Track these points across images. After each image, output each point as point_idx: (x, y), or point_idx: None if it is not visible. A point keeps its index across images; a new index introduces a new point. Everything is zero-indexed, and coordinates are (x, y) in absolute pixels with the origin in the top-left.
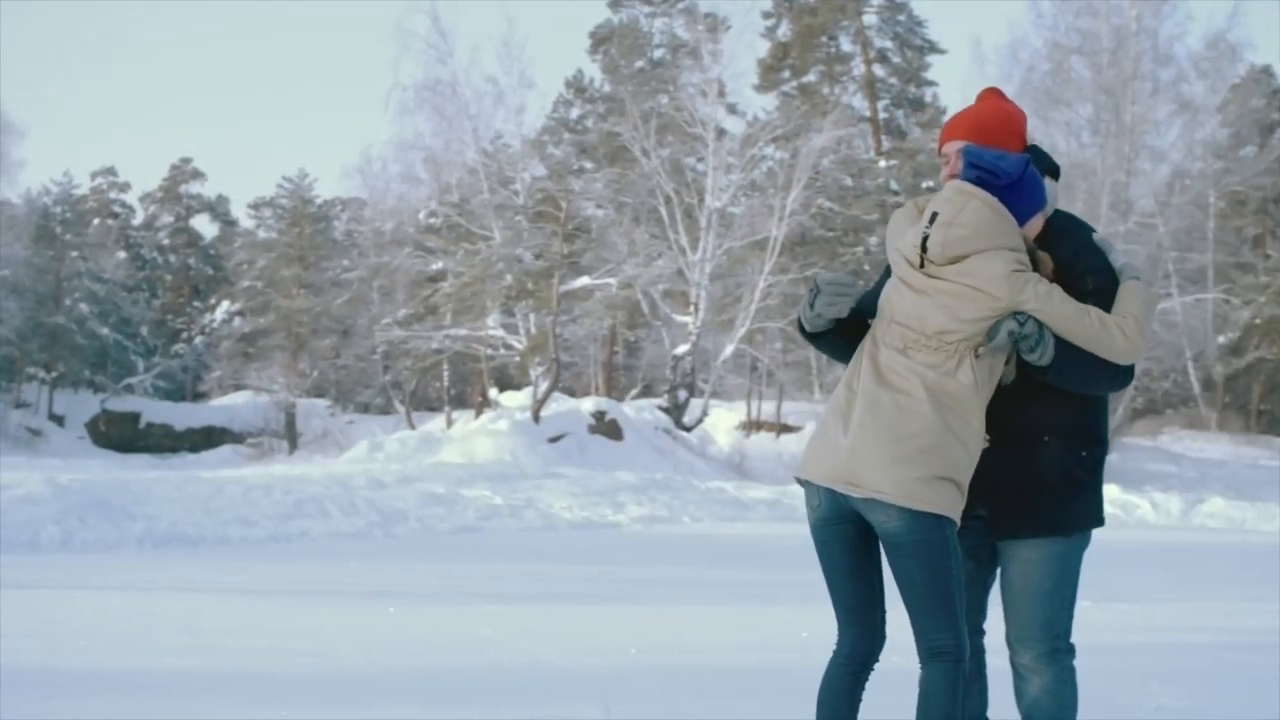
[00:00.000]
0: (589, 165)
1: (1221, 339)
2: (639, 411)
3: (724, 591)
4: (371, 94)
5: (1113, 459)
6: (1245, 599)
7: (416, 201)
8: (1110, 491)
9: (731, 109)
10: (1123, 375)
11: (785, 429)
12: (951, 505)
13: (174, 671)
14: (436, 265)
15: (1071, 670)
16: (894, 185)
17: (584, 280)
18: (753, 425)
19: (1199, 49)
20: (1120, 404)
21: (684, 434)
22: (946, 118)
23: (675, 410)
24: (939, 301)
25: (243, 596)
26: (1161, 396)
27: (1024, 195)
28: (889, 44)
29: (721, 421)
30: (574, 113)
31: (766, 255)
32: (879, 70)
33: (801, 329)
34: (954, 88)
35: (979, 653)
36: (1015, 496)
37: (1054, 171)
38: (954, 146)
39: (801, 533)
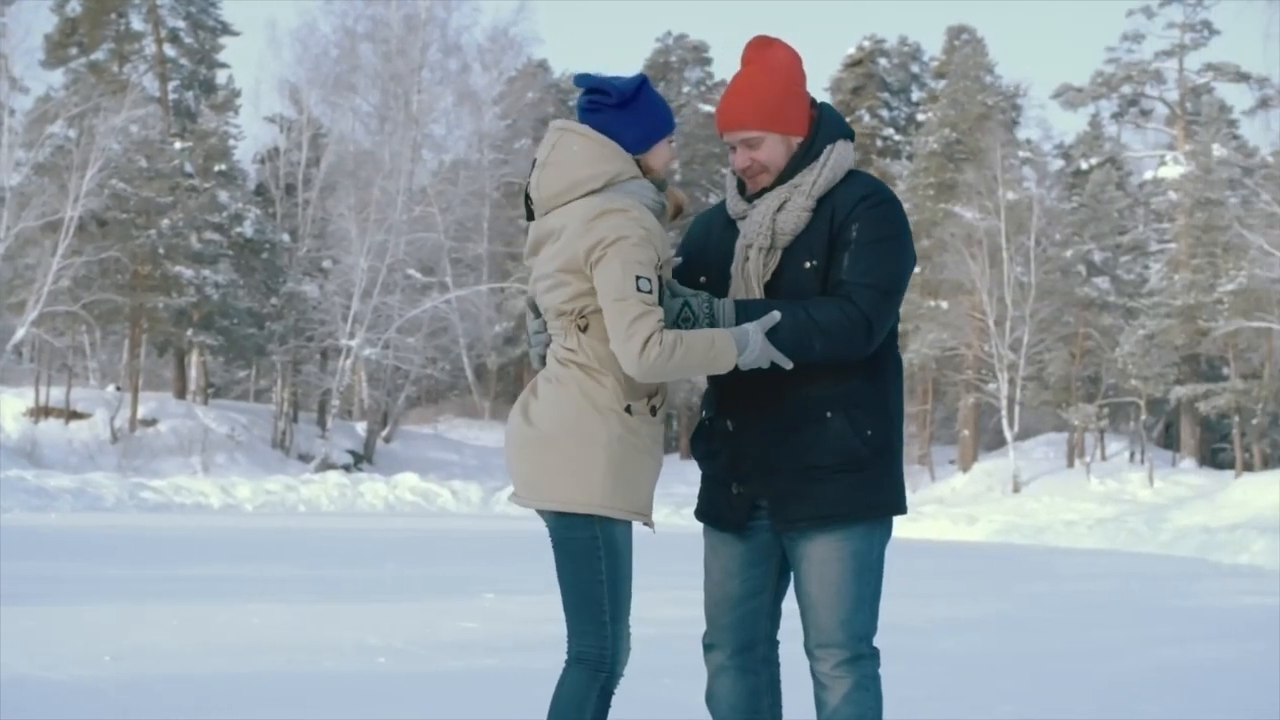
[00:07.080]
0: None
1: (497, 329)
2: None
3: (149, 587)
4: None
5: (395, 448)
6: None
7: None
8: (409, 480)
9: (16, 84)
10: (843, 341)
11: (75, 415)
12: (600, 500)
13: None
14: None
15: (874, 677)
16: (188, 168)
17: None
18: (42, 412)
19: (484, 41)
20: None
21: None
22: (240, 101)
23: None
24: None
25: None
26: (437, 385)
27: (639, 117)
28: (181, 24)
29: (8, 408)
30: None
31: (60, 237)
32: (170, 50)
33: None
34: (247, 70)
35: (770, 664)
36: (794, 482)
37: (848, 135)
38: (736, 137)
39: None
